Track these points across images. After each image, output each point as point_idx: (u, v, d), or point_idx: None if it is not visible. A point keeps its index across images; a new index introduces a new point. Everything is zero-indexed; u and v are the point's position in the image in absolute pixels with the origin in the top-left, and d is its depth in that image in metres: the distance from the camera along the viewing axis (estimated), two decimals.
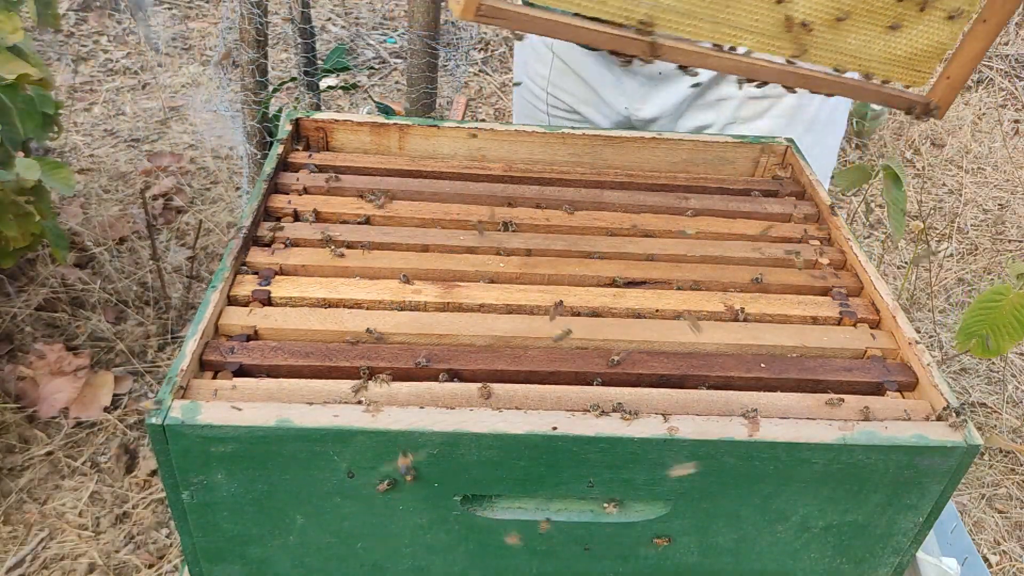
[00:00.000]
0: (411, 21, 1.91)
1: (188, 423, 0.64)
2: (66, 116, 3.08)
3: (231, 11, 1.92)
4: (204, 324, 0.74)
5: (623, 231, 0.95)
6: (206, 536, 0.72)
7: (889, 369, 0.78)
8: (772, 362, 0.78)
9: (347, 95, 3.44)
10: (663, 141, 1.08)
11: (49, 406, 2.01)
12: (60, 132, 2.06)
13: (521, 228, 0.94)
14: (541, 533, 0.73)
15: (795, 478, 0.70)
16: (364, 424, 0.65)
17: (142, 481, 1.91)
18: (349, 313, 0.79)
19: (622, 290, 0.86)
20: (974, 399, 2.39)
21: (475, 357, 0.75)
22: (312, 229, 0.89)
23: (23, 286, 2.29)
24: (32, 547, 1.75)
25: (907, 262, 2.87)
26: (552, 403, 0.70)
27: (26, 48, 1.83)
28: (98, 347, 2.17)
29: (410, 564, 0.77)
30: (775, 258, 0.93)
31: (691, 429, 0.68)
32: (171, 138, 3.11)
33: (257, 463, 0.67)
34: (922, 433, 0.69)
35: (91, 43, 3.71)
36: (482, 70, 3.87)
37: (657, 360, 0.77)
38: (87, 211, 2.60)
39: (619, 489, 0.71)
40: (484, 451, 0.67)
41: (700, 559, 0.78)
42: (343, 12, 4.18)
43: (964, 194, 3.33)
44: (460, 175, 1.03)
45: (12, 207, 1.73)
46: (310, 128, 1.06)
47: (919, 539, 0.77)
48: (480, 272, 0.86)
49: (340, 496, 0.70)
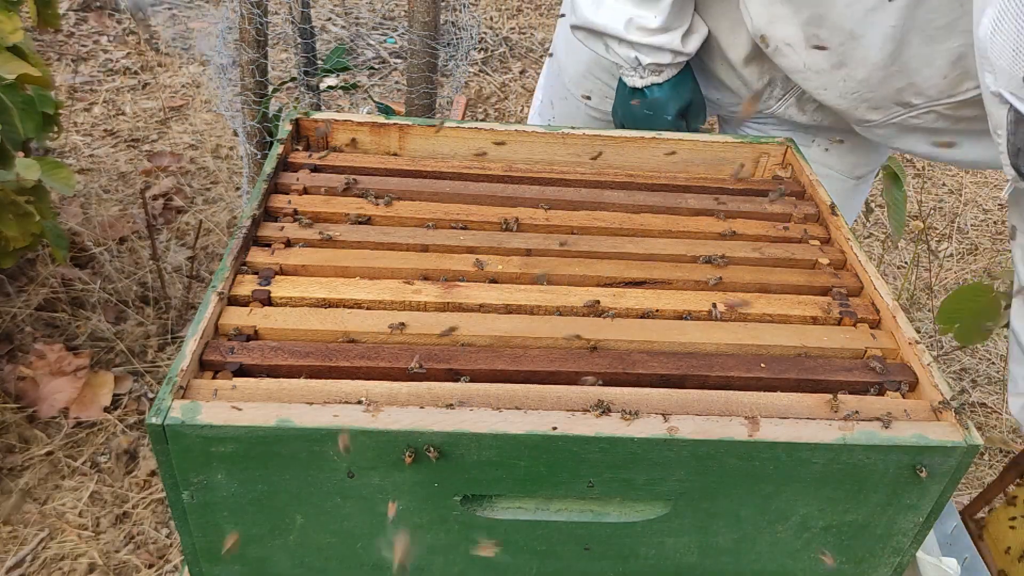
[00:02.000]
0: (411, 21, 1.91)
1: (188, 423, 0.64)
2: (66, 116, 3.07)
3: (231, 11, 1.92)
4: (204, 324, 0.74)
5: (623, 231, 0.95)
6: (206, 536, 0.72)
7: (889, 369, 0.78)
8: (772, 362, 0.78)
9: (347, 95, 3.44)
10: (663, 141, 1.08)
11: (49, 406, 2.01)
12: (60, 132, 2.06)
13: (521, 228, 0.94)
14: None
15: (795, 478, 0.70)
16: (364, 424, 0.65)
17: (142, 481, 1.91)
18: (349, 313, 0.79)
19: (622, 290, 0.86)
20: (974, 399, 2.39)
21: (475, 357, 0.75)
22: (312, 229, 0.89)
23: (23, 286, 2.29)
24: (32, 547, 1.74)
25: (907, 262, 2.87)
26: (552, 403, 0.70)
27: (26, 48, 1.83)
28: (98, 347, 2.17)
29: (410, 564, 0.76)
30: (776, 258, 0.93)
31: (691, 429, 0.68)
32: (171, 138, 3.11)
33: (257, 463, 0.67)
34: (922, 433, 0.69)
35: (91, 43, 3.70)
36: (482, 70, 3.87)
37: (657, 360, 0.77)
38: (87, 211, 2.60)
39: (619, 489, 0.71)
40: (484, 451, 0.67)
41: (700, 559, 0.78)
42: (343, 12, 4.18)
43: (964, 194, 3.33)
44: (460, 175, 1.03)
45: (12, 207, 1.73)
46: (310, 128, 1.06)
47: (919, 539, 0.77)
48: (480, 272, 0.86)
49: (340, 496, 0.70)
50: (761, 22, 1.09)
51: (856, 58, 1.05)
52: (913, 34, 0.99)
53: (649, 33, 1.14)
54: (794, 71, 1.13)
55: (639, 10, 1.13)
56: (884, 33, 1.00)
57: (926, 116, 1.09)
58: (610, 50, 1.19)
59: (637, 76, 1.19)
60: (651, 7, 1.12)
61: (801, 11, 1.04)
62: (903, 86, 1.05)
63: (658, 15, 1.12)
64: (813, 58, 1.08)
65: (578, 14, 1.18)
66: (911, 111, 1.08)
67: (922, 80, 1.03)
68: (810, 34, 1.06)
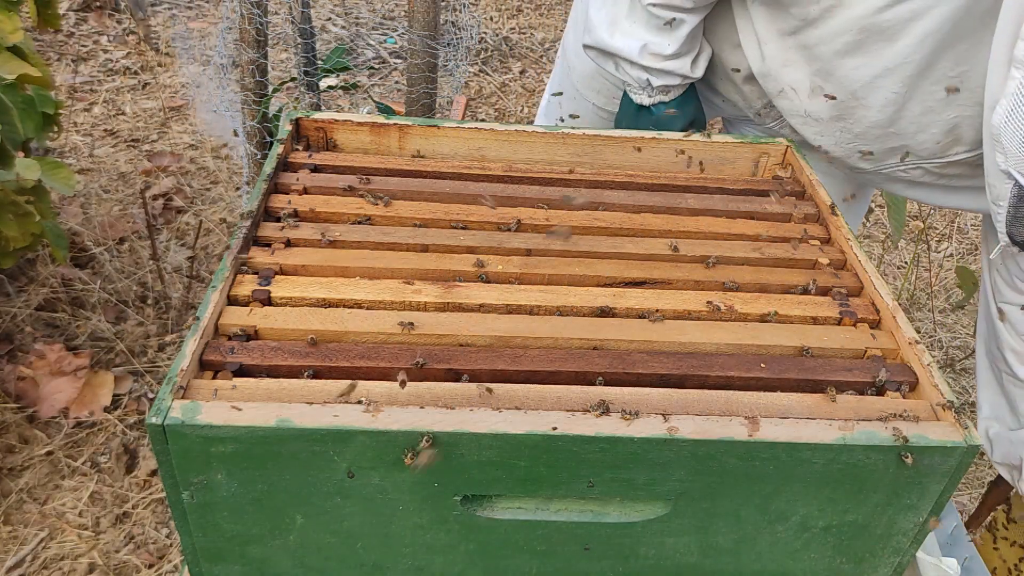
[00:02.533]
0: (411, 21, 1.91)
1: (188, 423, 0.64)
2: (66, 116, 3.07)
3: (231, 11, 1.92)
4: (204, 324, 0.74)
5: (623, 231, 0.95)
6: (206, 536, 0.72)
7: (889, 369, 0.78)
8: (772, 362, 0.78)
9: (347, 95, 3.44)
10: (663, 141, 1.08)
11: (49, 406, 2.01)
12: (60, 132, 2.06)
13: (521, 228, 0.94)
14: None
15: (795, 478, 0.70)
16: (364, 424, 0.65)
17: (142, 481, 1.91)
18: (349, 313, 0.79)
19: (622, 290, 0.86)
20: (974, 399, 2.39)
21: (475, 357, 0.75)
22: (312, 229, 0.89)
23: (23, 286, 2.29)
24: (32, 547, 1.74)
25: (907, 262, 2.87)
26: (552, 403, 0.70)
27: (26, 48, 1.83)
28: (98, 347, 2.17)
29: (410, 564, 0.76)
30: (775, 258, 0.93)
31: (691, 429, 0.67)
32: (171, 138, 3.11)
33: (257, 463, 0.67)
34: (922, 433, 0.69)
35: (91, 43, 3.70)
36: (482, 70, 3.87)
37: (657, 360, 0.77)
38: (87, 211, 2.60)
39: (619, 489, 0.71)
40: (484, 451, 0.67)
41: (700, 559, 0.78)
42: (343, 12, 4.18)
43: None
44: (460, 175, 1.03)
45: (12, 207, 1.73)
46: (310, 128, 1.06)
47: (919, 539, 0.77)
48: (480, 272, 0.86)
49: (340, 496, 0.70)
50: (774, 64, 1.13)
51: (856, 116, 1.10)
52: (914, 103, 1.04)
53: (662, 59, 1.16)
54: (793, 115, 1.17)
55: (655, 37, 1.15)
56: (886, 98, 1.04)
57: (914, 171, 1.15)
58: (620, 69, 1.20)
59: (645, 95, 1.22)
60: (666, 36, 1.14)
61: (812, 62, 1.08)
62: (897, 146, 1.11)
63: (671, 44, 1.15)
64: (815, 106, 1.12)
65: (592, 35, 1.19)
66: (900, 166, 1.14)
67: (916, 144, 1.09)
68: (816, 85, 1.10)
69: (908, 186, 1.21)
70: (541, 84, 3.81)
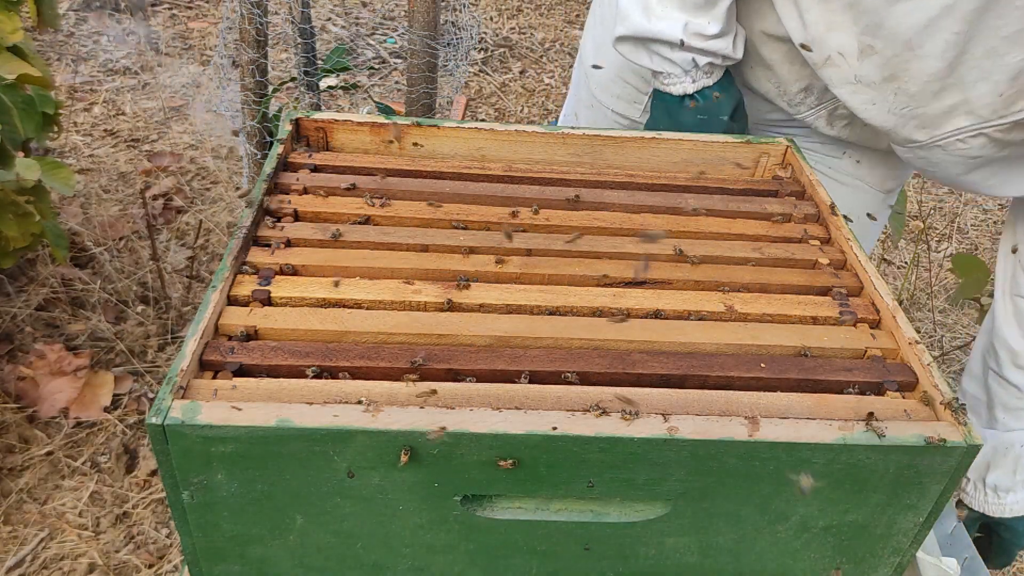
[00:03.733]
0: (411, 21, 1.91)
1: (188, 423, 0.64)
2: (66, 116, 3.07)
3: (231, 11, 1.92)
4: (204, 324, 0.74)
5: (623, 231, 0.95)
6: (206, 536, 0.72)
7: (889, 369, 0.78)
8: (772, 362, 0.78)
9: (347, 95, 3.44)
10: (663, 141, 1.08)
11: (49, 406, 2.01)
12: (60, 132, 2.06)
13: (521, 228, 0.94)
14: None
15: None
16: (364, 424, 0.65)
17: (142, 481, 1.91)
18: (349, 313, 0.79)
19: (622, 290, 0.86)
20: None
21: (475, 357, 0.75)
22: (312, 229, 0.89)
23: (23, 286, 2.29)
24: (32, 547, 1.75)
25: (907, 262, 2.87)
26: (552, 403, 0.70)
27: (26, 48, 1.83)
28: (98, 347, 2.17)
29: (410, 564, 0.77)
30: (775, 258, 0.93)
31: (691, 429, 0.68)
32: (171, 138, 3.11)
33: (257, 463, 0.67)
34: (922, 433, 0.69)
35: (91, 43, 3.70)
36: (482, 70, 3.87)
37: (657, 360, 0.77)
38: (87, 211, 2.60)
39: (619, 489, 0.71)
40: (484, 451, 0.67)
41: (700, 559, 0.78)
42: (343, 12, 4.18)
43: (964, 194, 3.33)
44: (460, 175, 1.03)
45: (12, 207, 1.73)
46: (310, 128, 1.06)
47: (919, 539, 0.77)
48: (480, 272, 0.86)
49: (340, 496, 0.70)
50: (818, 30, 1.07)
51: (911, 70, 1.03)
52: (976, 43, 0.97)
53: (705, 39, 1.12)
54: (842, 84, 1.10)
55: (693, 17, 1.11)
56: (946, 40, 0.97)
57: (974, 142, 1.07)
58: (656, 58, 1.16)
59: (688, 80, 1.17)
60: (706, 13, 1.11)
61: (860, 19, 1.02)
62: (956, 102, 1.03)
63: (712, 21, 1.11)
64: (865, 69, 1.06)
65: (627, 23, 1.15)
66: (959, 133, 1.06)
67: (977, 96, 1.01)
68: (864, 44, 1.04)
69: (966, 167, 1.11)
70: (541, 84, 3.81)
